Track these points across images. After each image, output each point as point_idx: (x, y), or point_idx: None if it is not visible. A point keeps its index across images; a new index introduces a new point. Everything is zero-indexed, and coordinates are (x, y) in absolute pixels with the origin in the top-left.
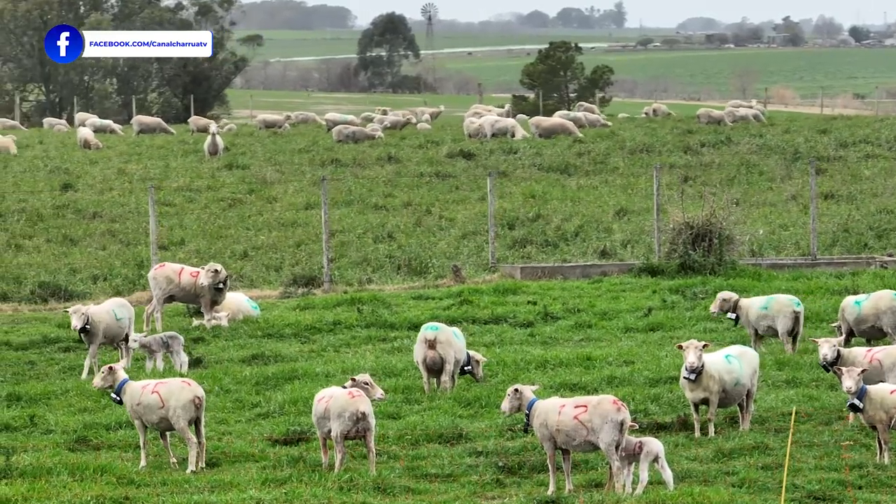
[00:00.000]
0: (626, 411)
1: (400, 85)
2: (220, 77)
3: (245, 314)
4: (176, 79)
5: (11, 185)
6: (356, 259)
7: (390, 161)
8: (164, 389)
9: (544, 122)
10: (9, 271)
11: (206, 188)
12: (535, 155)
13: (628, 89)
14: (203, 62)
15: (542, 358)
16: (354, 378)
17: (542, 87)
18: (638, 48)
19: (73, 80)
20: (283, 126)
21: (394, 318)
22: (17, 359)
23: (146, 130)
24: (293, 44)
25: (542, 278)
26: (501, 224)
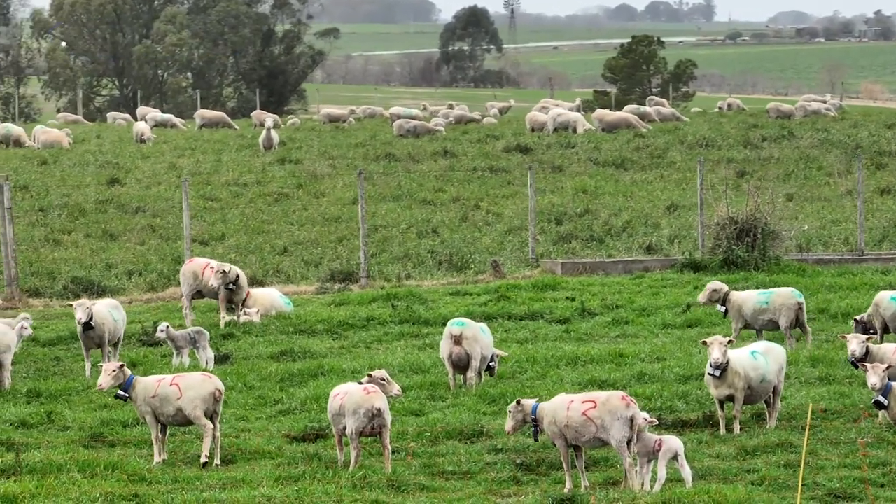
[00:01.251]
0: (635, 407)
1: (482, 80)
2: (297, 71)
3: (278, 310)
4: (251, 73)
5: (58, 180)
6: (398, 254)
7: (445, 156)
8: (184, 381)
9: (608, 117)
10: (44, 266)
11: (254, 183)
12: (593, 149)
13: (716, 84)
14: (279, 56)
15: (573, 354)
16: (371, 374)
17: (624, 82)
18: (727, 42)
19: (146, 74)
20: (348, 120)
21: (428, 314)
22: (43, 355)
23: (209, 125)
24: (376, 37)
25: (583, 274)
26: (548, 219)
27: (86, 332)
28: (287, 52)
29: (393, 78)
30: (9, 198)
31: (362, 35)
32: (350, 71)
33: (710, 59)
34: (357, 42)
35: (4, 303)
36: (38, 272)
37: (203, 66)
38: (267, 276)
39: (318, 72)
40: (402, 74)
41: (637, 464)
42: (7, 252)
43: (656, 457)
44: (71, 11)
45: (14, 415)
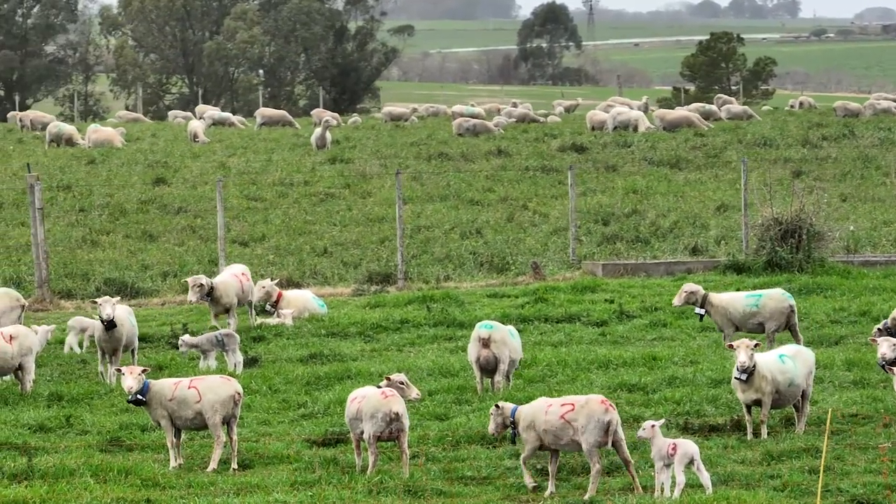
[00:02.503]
0: (614, 412)
1: (561, 77)
2: (370, 69)
3: (311, 312)
4: (323, 70)
5: (104, 180)
6: (439, 255)
7: (499, 155)
8: (203, 384)
9: (669, 115)
10: (78, 267)
11: (301, 183)
12: (650, 149)
13: (799, 81)
14: (352, 53)
15: (605, 358)
16: (389, 377)
17: (702, 80)
18: (811, 39)
19: (216, 71)
20: (410, 119)
21: (464, 316)
22: (70, 357)
23: (269, 123)
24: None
25: (624, 276)
26: (595, 220)
27: (108, 332)
28: (360, 49)
29: (470, 76)
30: (39, 198)
31: (440, 32)
32: (427, 69)
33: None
34: (435, 39)
35: (35, 304)
36: (72, 273)
37: (274, 64)
38: (304, 277)
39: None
40: (480, 72)
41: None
42: (38, 253)
43: (672, 461)
44: (140, 8)
45: (33, 418)
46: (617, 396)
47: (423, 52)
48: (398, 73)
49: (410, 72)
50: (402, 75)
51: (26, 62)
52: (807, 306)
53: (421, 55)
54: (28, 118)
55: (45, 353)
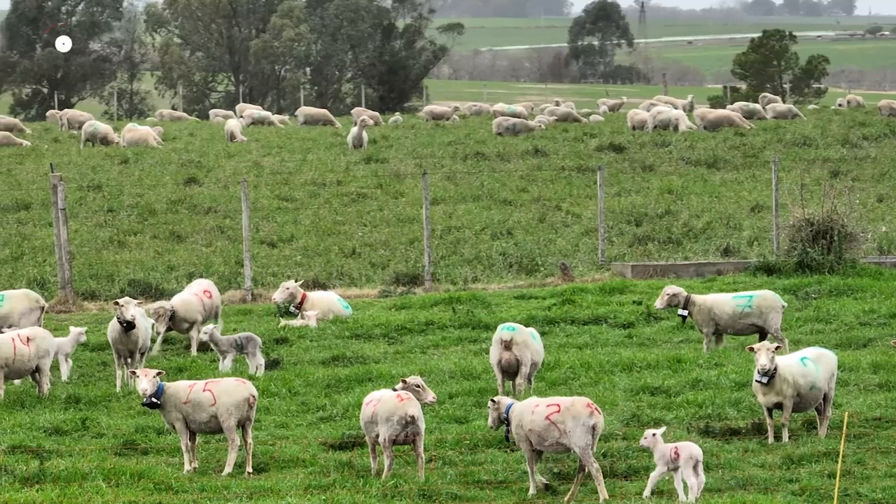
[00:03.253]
0: (599, 415)
1: (612, 75)
2: (418, 67)
3: (336, 314)
4: (371, 68)
5: (135, 180)
6: (468, 257)
7: (536, 154)
8: (218, 387)
9: (710, 115)
10: (104, 269)
11: (333, 182)
12: (688, 148)
13: (854, 80)
14: (400, 51)
15: (629, 360)
16: (405, 380)
17: (754, 78)
18: (867, 37)
19: (263, 69)
20: (452, 118)
21: (490, 318)
22: (90, 360)
23: (311, 122)
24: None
25: (654, 277)
26: (628, 220)
27: (126, 334)
28: (408, 47)
29: (521, 74)
30: (63, 198)
31: (491, 29)
32: (477, 67)
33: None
34: (486, 37)
35: (58, 305)
36: (97, 274)
37: (321, 62)
38: (330, 278)
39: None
40: (531, 70)
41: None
42: (61, 254)
43: (676, 465)
44: (186, 5)
45: (48, 421)
46: (639, 399)
47: (474, 49)
48: (448, 71)
49: (461, 70)
50: (452, 73)
51: (71, 60)
52: (836, 308)
53: (471, 53)
54: (66, 117)
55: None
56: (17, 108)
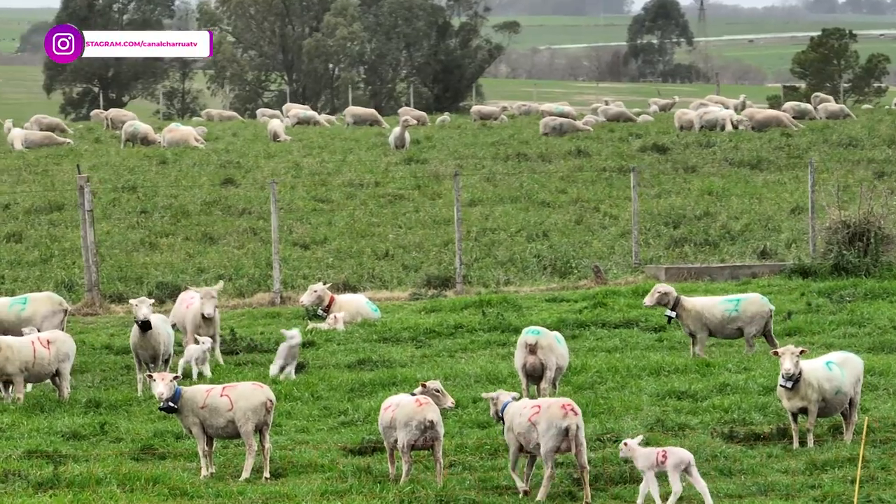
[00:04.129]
0: (574, 417)
1: (672, 74)
2: (474, 65)
3: (364, 317)
4: (426, 67)
5: (172, 181)
6: (502, 259)
7: (579, 155)
8: (235, 392)
9: (758, 115)
10: (133, 271)
11: (371, 184)
12: (732, 149)
13: None
14: (455, 50)
15: (657, 364)
16: (425, 384)
17: (813, 77)
18: None
19: (316, 68)
20: (500, 118)
21: (520, 321)
22: (114, 363)
23: (359, 122)
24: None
25: (688, 280)
26: (666, 222)
27: (143, 334)
28: (463, 45)
29: (580, 72)
30: (89, 199)
31: (550, 27)
32: (536, 65)
33: None
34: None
35: (85, 308)
36: (125, 277)
37: (375, 61)
38: (361, 281)
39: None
40: (590, 69)
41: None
42: (88, 256)
43: (663, 469)
44: (239, 3)
45: (67, 425)
46: (665, 403)
47: (532, 48)
48: (506, 70)
49: (519, 69)
50: (510, 72)
51: (122, 59)
52: (871, 311)
53: (530, 51)
54: (109, 116)
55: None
56: (68, 108)
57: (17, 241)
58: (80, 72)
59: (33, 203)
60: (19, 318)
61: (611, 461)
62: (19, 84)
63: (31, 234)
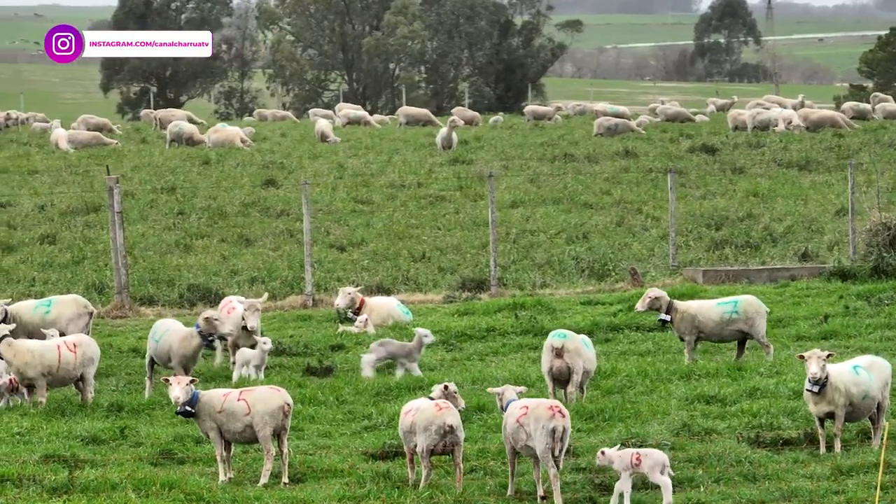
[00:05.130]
0: (560, 419)
1: (739, 73)
2: (536, 65)
3: (395, 319)
4: (488, 67)
5: (213, 182)
6: (540, 261)
7: (626, 156)
8: (252, 396)
9: (812, 115)
10: (165, 273)
11: (414, 185)
12: (782, 150)
13: None
14: (517, 49)
15: (688, 368)
16: (447, 385)
17: (881, 76)
18: None
19: (376, 68)
20: (554, 118)
21: (553, 324)
22: (140, 367)
23: (413, 122)
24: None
25: (726, 282)
26: (708, 224)
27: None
28: (525, 44)
29: (646, 72)
30: (118, 201)
31: (617, 26)
32: (602, 64)
33: None
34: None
35: (114, 311)
36: (157, 279)
37: (436, 60)
38: (395, 283)
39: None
40: (657, 68)
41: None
42: (117, 258)
43: (639, 471)
44: (298, 1)
45: (86, 430)
46: (693, 408)
47: (598, 47)
48: (572, 69)
49: (584, 68)
50: (575, 72)
51: (180, 58)
52: None
53: (596, 51)
54: (158, 116)
55: (116, 363)
56: (125, 107)
57: (50, 242)
58: (138, 71)
59: (70, 204)
60: (44, 320)
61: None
62: (76, 84)
63: (65, 236)
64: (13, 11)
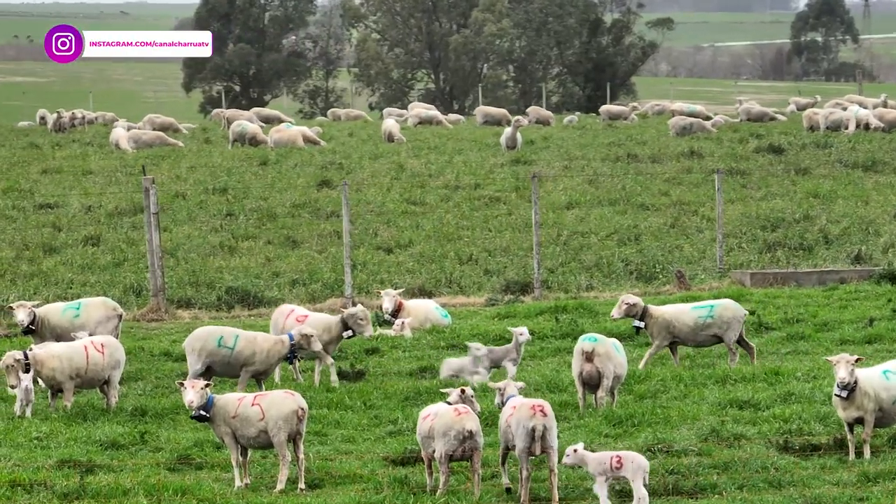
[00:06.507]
0: (542, 419)
1: (836, 72)
2: (626, 64)
3: (434, 322)
4: (577, 65)
5: (268, 182)
6: (588, 263)
7: (691, 156)
8: (266, 401)
9: (888, 115)
10: (206, 275)
11: (471, 185)
12: (849, 150)
13: None
14: (607, 47)
15: (724, 373)
16: (464, 389)
17: None
18: None
19: (463, 66)
20: (630, 117)
21: (594, 327)
22: (170, 370)
23: (491, 122)
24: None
25: (774, 285)
26: (764, 226)
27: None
28: (615, 43)
29: (743, 71)
30: (155, 202)
31: (713, 24)
32: (698, 63)
33: None
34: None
35: (150, 314)
36: (197, 281)
37: (524, 59)
38: (439, 286)
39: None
40: (753, 67)
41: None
42: (153, 260)
43: (618, 475)
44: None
45: (106, 434)
46: (724, 413)
47: (695, 45)
48: (667, 68)
49: (679, 67)
50: (670, 70)
51: (263, 56)
52: None
53: (692, 49)
54: (226, 116)
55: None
56: (207, 107)
57: (94, 244)
58: (220, 70)
59: (117, 205)
60: (73, 323)
61: (656, 472)
62: (159, 82)
63: (108, 238)
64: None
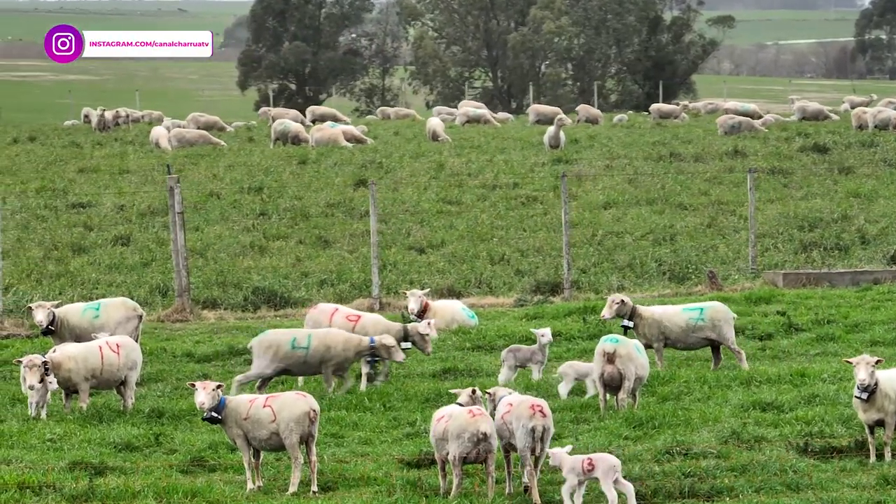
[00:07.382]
0: (541, 419)
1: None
2: (686, 61)
3: (460, 323)
4: (636, 63)
5: (305, 182)
6: (621, 264)
7: (735, 155)
8: (277, 402)
9: None
10: (234, 275)
11: (509, 185)
12: (895, 149)
13: None
14: (666, 45)
15: (748, 375)
16: (474, 389)
17: None
18: None
19: (522, 64)
20: (680, 116)
21: (620, 329)
22: (192, 371)
23: (543, 121)
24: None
25: (807, 286)
26: (801, 226)
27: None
28: (675, 41)
29: (807, 69)
30: (179, 201)
31: (777, 22)
32: (760, 61)
33: None
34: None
35: (175, 314)
36: (224, 282)
37: (583, 57)
38: (468, 286)
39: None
40: (817, 65)
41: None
42: (178, 260)
43: (591, 477)
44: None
45: (120, 436)
46: (746, 415)
47: (758, 43)
48: (729, 66)
49: (742, 65)
50: (733, 69)
51: (319, 54)
52: None
53: (755, 47)
54: (272, 114)
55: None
56: (262, 105)
57: (123, 244)
58: (276, 68)
59: (150, 205)
60: (92, 324)
61: (672, 475)
62: (214, 80)
63: (138, 238)
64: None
